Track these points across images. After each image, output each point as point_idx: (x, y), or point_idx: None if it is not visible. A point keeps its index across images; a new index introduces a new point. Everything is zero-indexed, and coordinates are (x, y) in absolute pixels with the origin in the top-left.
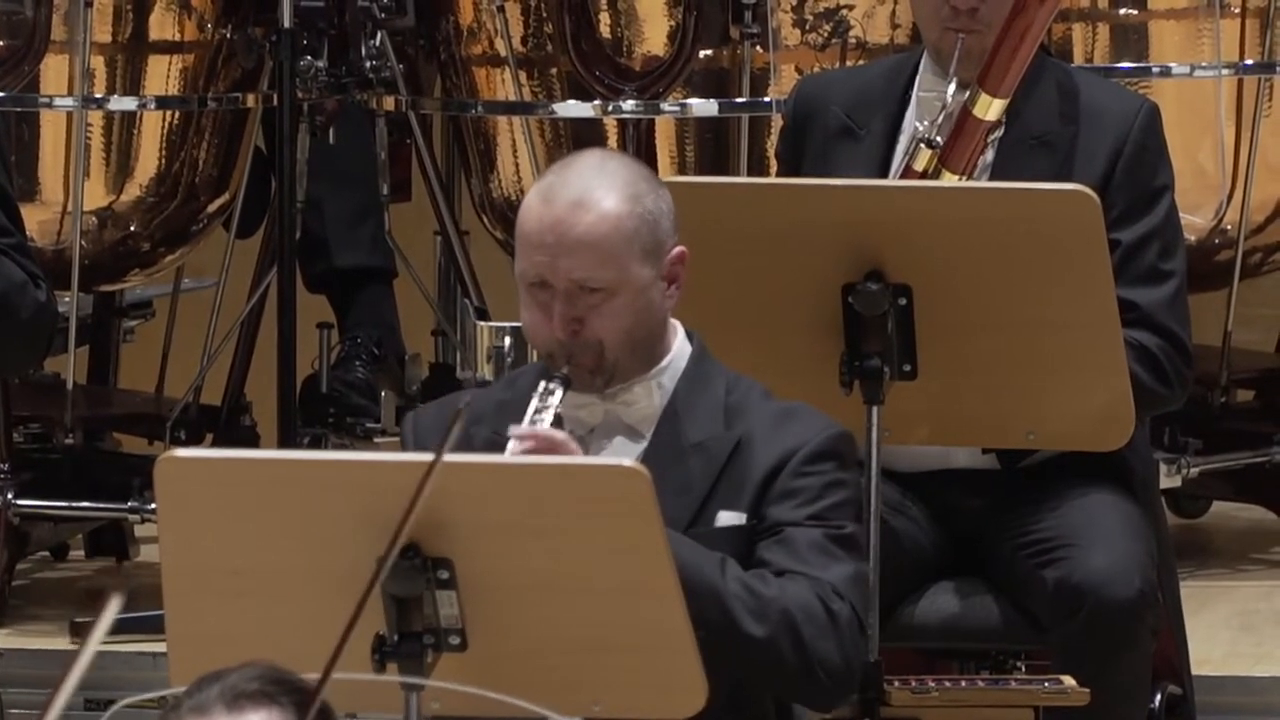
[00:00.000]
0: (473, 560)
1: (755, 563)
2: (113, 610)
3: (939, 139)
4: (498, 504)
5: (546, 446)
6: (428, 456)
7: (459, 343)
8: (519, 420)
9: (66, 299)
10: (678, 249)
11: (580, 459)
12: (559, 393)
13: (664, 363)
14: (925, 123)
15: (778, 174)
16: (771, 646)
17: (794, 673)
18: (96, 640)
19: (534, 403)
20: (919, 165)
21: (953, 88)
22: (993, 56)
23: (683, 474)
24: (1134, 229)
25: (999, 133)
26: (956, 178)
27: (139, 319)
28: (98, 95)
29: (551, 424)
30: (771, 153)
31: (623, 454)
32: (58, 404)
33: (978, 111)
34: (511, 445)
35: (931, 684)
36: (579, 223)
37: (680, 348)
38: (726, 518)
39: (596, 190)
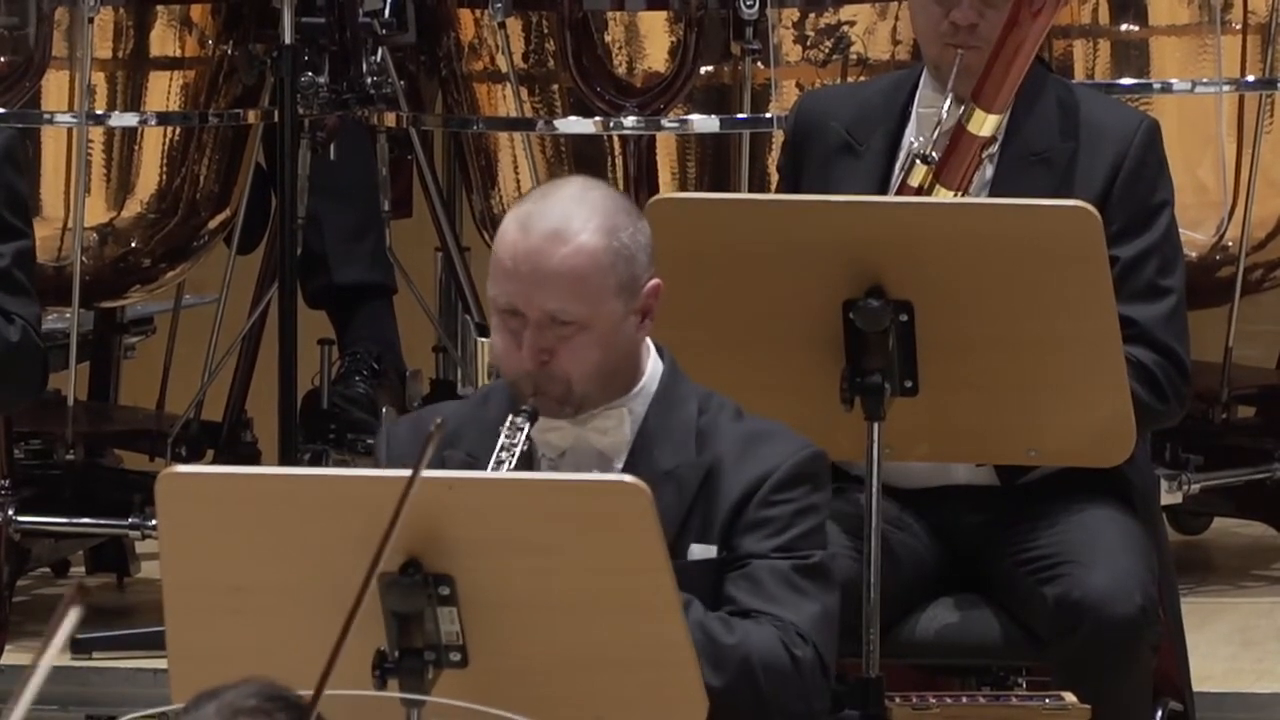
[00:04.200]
0: (473, 576)
1: (724, 598)
2: (72, 621)
3: (934, 154)
4: (498, 520)
5: None
6: (436, 474)
7: (460, 359)
8: (493, 442)
9: (68, 315)
10: (653, 282)
11: (581, 475)
12: (526, 428)
13: (635, 389)
14: (921, 138)
15: (778, 190)
16: (728, 695)
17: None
18: (57, 648)
19: (501, 439)
20: (914, 181)
21: (948, 103)
22: (987, 72)
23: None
24: (1133, 245)
25: (994, 148)
26: (951, 194)
27: (140, 335)
28: (99, 111)
29: (522, 453)
30: (773, 169)
31: None
32: (58, 420)
33: (972, 127)
34: None
35: (932, 700)
36: (554, 254)
37: (653, 369)
38: (698, 551)
39: (575, 221)
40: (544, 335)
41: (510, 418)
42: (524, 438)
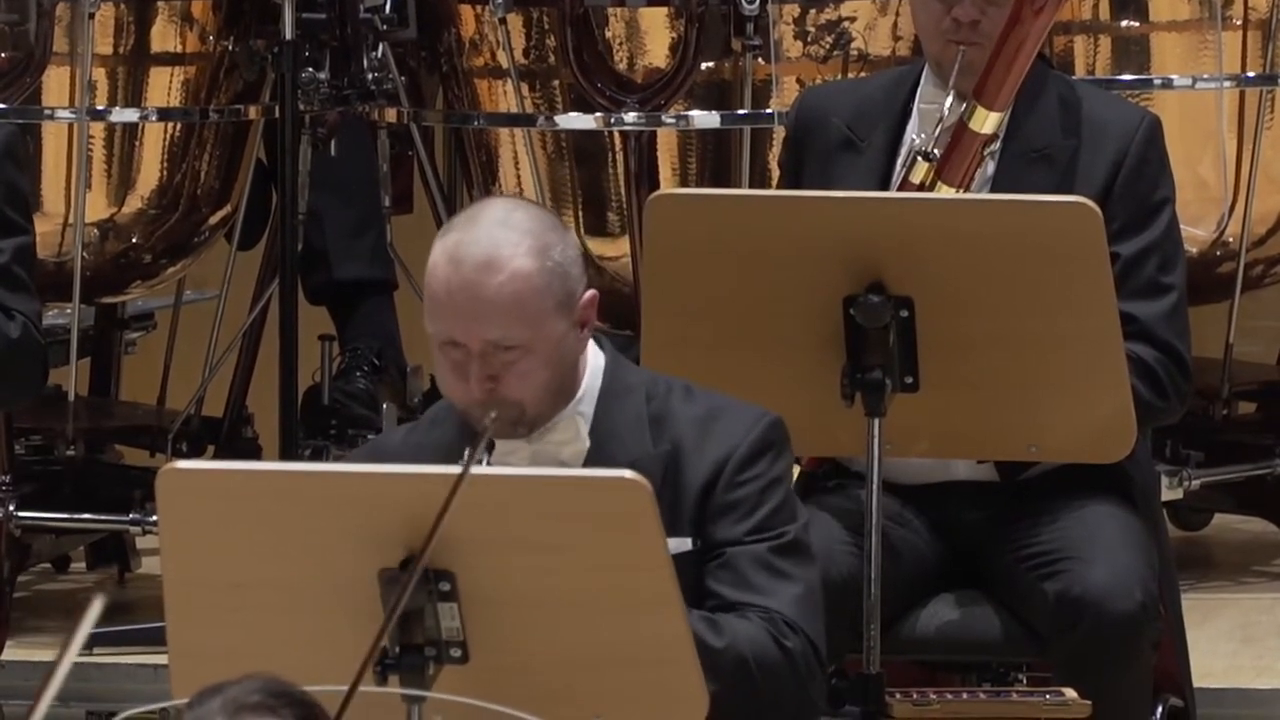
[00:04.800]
0: (474, 573)
1: (706, 592)
2: (96, 611)
3: (935, 152)
4: (499, 516)
5: None
6: (438, 469)
7: None
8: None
9: (68, 311)
10: (589, 294)
11: (581, 471)
12: (485, 459)
13: (580, 392)
14: (922, 135)
15: (779, 185)
16: (727, 698)
17: (751, 717)
18: (79, 641)
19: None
20: (916, 178)
21: (950, 100)
22: (988, 70)
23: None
24: (1134, 242)
25: (996, 145)
26: (952, 191)
27: (141, 331)
28: (99, 107)
29: None
30: (773, 164)
31: None
32: (59, 416)
33: (974, 125)
34: None
35: (933, 696)
36: (489, 284)
37: (594, 365)
38: (673, 545)
39: (505, 248)
40: (488, 363)
41: (467, 452)
42: (484, 466)
